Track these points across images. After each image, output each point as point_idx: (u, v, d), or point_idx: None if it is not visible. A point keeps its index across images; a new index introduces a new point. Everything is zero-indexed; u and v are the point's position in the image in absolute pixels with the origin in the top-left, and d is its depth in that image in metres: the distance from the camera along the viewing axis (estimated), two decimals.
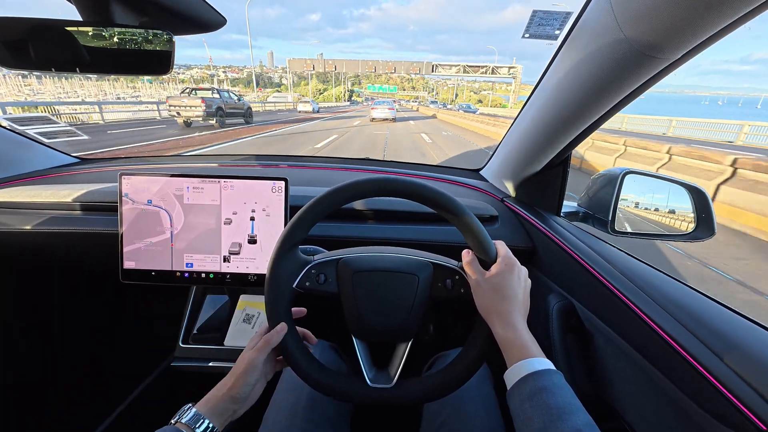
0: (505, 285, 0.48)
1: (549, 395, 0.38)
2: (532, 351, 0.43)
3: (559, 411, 0.37)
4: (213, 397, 0.49)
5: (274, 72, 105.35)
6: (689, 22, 0.36)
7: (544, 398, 0.38)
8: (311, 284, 0.54)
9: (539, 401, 0.38)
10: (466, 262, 0.52)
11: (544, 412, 0.37)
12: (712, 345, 0.43)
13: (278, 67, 75.73)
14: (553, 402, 0.38)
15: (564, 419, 0.36)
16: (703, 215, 0.77)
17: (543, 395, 0.39)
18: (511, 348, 0.45)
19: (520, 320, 0.47)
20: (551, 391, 0.39)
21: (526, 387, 0.40)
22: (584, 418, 0.37)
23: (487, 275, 0.49)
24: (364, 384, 0.53)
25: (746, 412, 0.37)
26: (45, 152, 1.19)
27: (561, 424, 0.36)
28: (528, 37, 35.37)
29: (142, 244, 0.80)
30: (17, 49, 0.55)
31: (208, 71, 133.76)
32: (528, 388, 0.40)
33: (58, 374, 1.09)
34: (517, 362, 0.43)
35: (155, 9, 0.51)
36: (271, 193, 0.79)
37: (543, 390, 0.39)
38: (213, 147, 8.66)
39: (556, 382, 0.40)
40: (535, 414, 0.38)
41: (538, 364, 0.42)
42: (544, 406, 0.38)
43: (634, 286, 0.56)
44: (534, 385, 0.40)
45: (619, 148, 7.54)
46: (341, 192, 0.51)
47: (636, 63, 0.44)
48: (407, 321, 0.54)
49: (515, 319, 0.47)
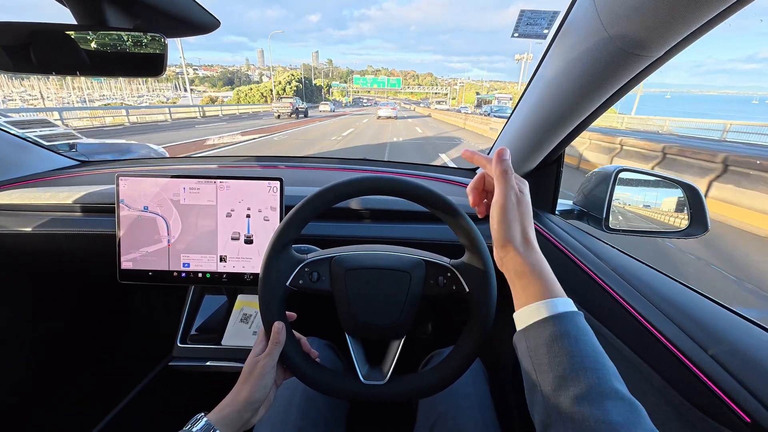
0: (527, 201, 0.44)
1: (573, 342, 0.34)
2: (555, 289, 0.39)
3: (584, 360, 0.33)
4: (226, 406, 0.47)
5: (253, 70, 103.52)
6: (670, 20, 0.36)
7: (566, 345, 0.34)
8: (304, 282, 0.54)
9: (560, 347, 0.34)
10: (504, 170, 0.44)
11: (565, 360, 0.33)
12: (700, 340, 0.44)
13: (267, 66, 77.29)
14: (576, 349, 0.34)
15: (588, 369, 0.32)
16: (696, 212, 0.78)
17: (565, 342, 0.34)
18: (532, 282, 0.40)
19: (537, 245, 0.43)
20: (575, 338, 0.34)
21: (545, 331, 0.36)
22: (610, 366, 0.34)
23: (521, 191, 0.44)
24: (357, 381, 0.54)
25: (732, 406, 0.38)
26: (45, 155, 1.20)
27: (584, 374, 0.32)
28: (518, 37, 35.43)
29: (138, 254, 0.81)
30: (18, 54, 0.56)
31: (177, 70, 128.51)
32: (548, 333, 0.35)
33: (56, 374, 1.10)
34: (538, 301, 0.38)
35: (148, 12, 0.52)
36: (266, 193, 0.79)
37: (566, 336, 0.34)
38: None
39: (581, 326, 0.36)
40: (552, 360, 0.34)
41: (561, 306, 0.37)
42: (566, 353, 0.33)
43: (625, 283, 0.56)
44: (556, 330, 0.35)
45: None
46: (334, 190, 0.51)
47: (621, 61, 0.45)
48: (400, 318, 0.54)
49: (536, 243, 0.42)
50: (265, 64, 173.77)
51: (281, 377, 0.54)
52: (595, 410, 0.30)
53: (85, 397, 1.11)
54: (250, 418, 0.48)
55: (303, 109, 26.95)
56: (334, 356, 0.78)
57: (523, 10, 33.31)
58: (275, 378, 0.51)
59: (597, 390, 0.31)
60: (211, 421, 0.45)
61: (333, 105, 41.43)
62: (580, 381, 0.32)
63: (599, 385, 0.31)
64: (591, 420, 0.30)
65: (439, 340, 1.22)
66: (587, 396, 0.31)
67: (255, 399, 0.48)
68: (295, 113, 24.94)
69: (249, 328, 0.92)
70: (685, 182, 0.80)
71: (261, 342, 0.53)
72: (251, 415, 0.48)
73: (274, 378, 0.51)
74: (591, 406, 0.30)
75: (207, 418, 0.45)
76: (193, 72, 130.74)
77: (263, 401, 0.49)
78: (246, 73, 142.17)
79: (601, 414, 0.30)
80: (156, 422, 1.16)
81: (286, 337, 0.52)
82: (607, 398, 0.30)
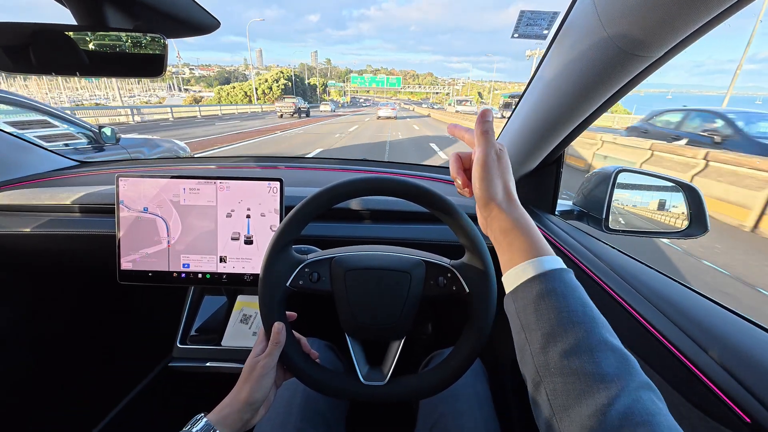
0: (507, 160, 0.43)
1: (560, 298, 0.33)
2: (541, 246, 0.38)
3: (571, 314, 0.32)
4: (226, 406, 0.47)
5: (251, 70, 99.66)
6: (669, 21, 0.36)
7: (554, 301, 0.33)
8: (305, 283, 0.54)
9: (547, 304, 0.33)
10: (485, 130, 0.43)
11: (553, 316, 0.33)
12: (700, 340, 0.44)
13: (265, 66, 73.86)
14: (564, 304, 0.33)
15: (576, 323, 0.32)
16: (696, 212, 0.78)
17: (552, 297, 0.33)
18: (518, 241, 0.39)
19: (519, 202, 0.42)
20: (563, 294, 0.34)
21: (533, 289, 0.35)
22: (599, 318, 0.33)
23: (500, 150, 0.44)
24: (357, 381, 0.54)
25: (732, 406, 0.38)
26: (44, 155, 1.20)
27: (572, 328, 0.31)
28: (517, 37, 35.41)
29: (138, 256, 0.81)
30: (18, 54, 0.56)
31: (173, 69, 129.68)
32: (536, 291, 0.35)
33: (56, 374, 1.10)
34: (524, 262, 0.37)
35: (148, 12, 0.52)
36: (266, 194, 0.79)
37: (552, 292, 0.34)
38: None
39: (568, 282, 0.35)
40: (540, 318, 0.33)
41: (547, 263, 0.36)
42: (553, 309, 0.33)
43: (625, 283, 0.56)
44: (543, 287, 0.34)
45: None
46: (334, 190, 0.51)
47: (621, 62, 0.45)
48: (400, 319, 0.54)
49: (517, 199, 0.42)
50: (264, 63, 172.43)
51: (281, 378, 0.54)
52: (585, 363, 0.29)
53: (85, 398, 1.11)
54: (250, 418, 0.48)
55: (305, 109, 27.99)
56: (334, 357, 0.78)
57: (523, 10, 33.38)
58: (275, 378, 0.51)
59: (586, 343, 0.30)
60: (211, 421, 0.45)
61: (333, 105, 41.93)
62: (568, 335, 0.31)
63: (588, 338, 0.31)
64: (580, 373, 0.29)
65: (439, 340, 1.22)
66: (576, 350, 0.30)
67: (255, 399, 0.48)
68: (297, 113, 25.83)
69: (249, 328, 0.92)
70: (685, 183, 0.80)
71: (261, 342, 0.52)
72: (251, 416, 0.48)
73: (274, 378, 0.51)
74: (580, 359, 0.30)
75: (207, 419, 0.45)
76: (189, 72, 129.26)
77: (263, 401, 0.49)
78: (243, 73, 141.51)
79: (591, 366, 0.29)
80: (156, 423, 1.16)
81: (286, 337, 0.52)
82: (596, 350, 0.30)
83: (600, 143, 7.69)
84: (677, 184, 0.81)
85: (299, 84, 75.40)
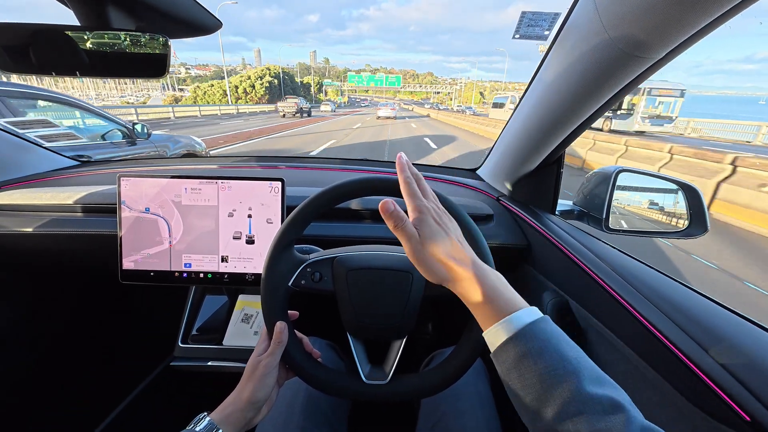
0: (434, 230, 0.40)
1: (536, 359, 0.33)
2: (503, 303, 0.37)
3: (551, 375, 0.32)
4: (228, 405, 0.47)
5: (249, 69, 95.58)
6: (670, 22, 0.36)
7: (531, 364, 0.33)
8: (307, 283, 0.54)
9: (526, 368, 0.33)
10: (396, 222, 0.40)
11: (535, 381, 0.32)
12: (700, 339, 0.44)
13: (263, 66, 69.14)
14: (542, 365, 0.32)
15: (558, 384, 0.31)
16: (695, 212, 0.78)
17: (529, 361, 0.33)
18: (481, 303, 0.38)
19: (477, 261, 0.41)
20: (538, 354, 0.33)
21: (509, 355, 0.34)
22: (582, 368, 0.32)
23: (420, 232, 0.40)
24: (359, 380, 0.54)
25: (732, 405, 0.38)
26: (45, 155, 1.20)
27: (555, 390, 0.31)
28: (518, 38, 35.39)
29: (140, 256, 0.81)
30: (18, 54, 0.56)
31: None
32: (512, 356, 0.34)
33: (58, 374, 1.10)
34: (494, 324, 0.36)
35: (151, 13, 0.52)
36: (268, 194, 0.79)
37: (528, 355, 0.33)
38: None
39: (539, 336, 0.34)
40: (524, 385, 0.33)
41: (515, 322, 0.35)
42: (533, 373, 0.32)
43: (625, 283, 0.57)
44: (517, 352, 0.34)
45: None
46: (335, 191, 0.51)
47: (621, 63, 0.45)
48: (402, 318, 0.54)
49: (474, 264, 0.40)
50: (262, 63, 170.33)
51: (283, 377, 0.54)
52: (578, 426, 0.30)
53: (87, 397, 1.11)
54: (252, 417, 0.48)
55: (307, 109, 28.89)
56: (335, 356, 0.78)
57: (524, 11, 33.41)
58: (277, 378, 0.51)
59: (573, 404, 0.30)
60: (214, 420, 0.45)
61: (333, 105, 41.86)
62: (554, 400, 0.31)
63: (573, 397, 0.31)
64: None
65: (440, 340, 1.23)
66: (565, 413, 0.30)
67: (257, 398, 0.48)
68: (299, 112, 26.85)
69: (250, 328, 0.92)
70: (685, 183, 0.81)
71: (263, 341, 0.53)
72: (254, 415, 0.48)
73: (277, 378, 0.51)
74: (573, 423, 0.30)
75: (210, 418, 0.45)
76: (185, 71, 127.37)
77: (266, 401, 0.49)
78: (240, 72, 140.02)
79: (587, 426, 0.29)
80: (158, 422, 1.17)
81: (288, 336, 0.52)
82: (585, 410, 0.30)
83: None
84: (677, 183, 0.81)
85: (288, 82, 64.97)
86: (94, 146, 3.07)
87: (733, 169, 5.24)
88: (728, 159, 5.36)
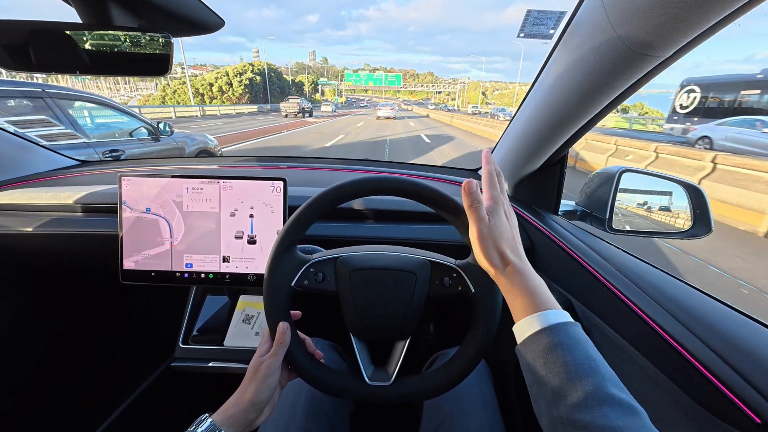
0: (502, 224, 0.45)
1: (566, 351, 0.35)
2: (544, 300, 0.40)
3: (578, 368, 0.34)
4: (231, 406, 0.47)
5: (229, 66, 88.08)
6: (679, 20, 0.36)
7: (561, 354, 0.35)
8: (309, 283, 0.54)
9: (555, 358, 0.35)
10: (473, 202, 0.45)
11: (561, 370, 0.34)
12: (708, 341, 0.43)
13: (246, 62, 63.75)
14: (570, 358, 0.34)
15: (583, 377, 0.33)
16: (699, 213, 0.78)
17: (559, 351, 0.35)
18: (520, 298, 0.41)
19: (525, 261, 0.44)
20: (568, 347, 0.35)
21: (540, 343, 0.37)
22: (606, 372, 0.34)
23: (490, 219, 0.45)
24: (362, 382, 0.53)
25: (743, 407, 0.37)
26: (45, 155, 1.19)
27: (579, 382, 0.33)
28: (523, 37, 35.44)
29: (141, 257, 0.80)
30: (17, 52, 0.55)
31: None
32: (543, 344, 0.36)
33: (58, 374, 1.09)
34: (529, 315, 0.39)
35: (153, 12, 0.52)
36: (270, 194, 0.79)
37: (559, 346, 0.35)
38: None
39: (573, 336, 0.37)
40: (549, 372, 0.35)
41: (552, 317, 0.38)
42: (561, 362, 0.34)
43: (630, 283, 0.56)
44: (549, 342, 0.36)
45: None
46: (339, 190, 0.51)
47: (629, 61, 0.45)
48: (405, 319, 0.54)
49: (520, 261, 0.43)
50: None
51: (286, 378, 0.54)
52: (595, 417, 0.31)
53: (88, 398, 1.11)
54: (255, 418, 0.48)
55: (308, 110, 29.82)
56: (338, 357, 0.78)
57: (529, 10, 33.46)
58: (280, 379, 0.51)
59: (594, 397, 0.32)
60: (215, 421, 0.44)
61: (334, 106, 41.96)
62: (577, 389, 0.33)
63: (596, 391, 0.32)
64: (591, 427, 0.31)
65: (443, 340, 1.22)
66: (585, 404, 0.32)
67: (260, 399, 0.47)
68: (301, 113, 27.93)
69: (251, 328, 0.91)
70: (689, 183, 0.80)
71: (266, 342, 0.52)
72: (256, 416, 0.48)
73: (279, 379, 0.51)
74: (591, 413, 0.31)
75: (212, 419, 0.45)
76: (181, 71, 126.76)
77: (268, 402, 0.49)
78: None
79: (601, 420, 0.30)
80: (159, 423, 1.16)
81: (291, 337, 0.51)
82: (604, 404, 0.31)
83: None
84: (681, 184, 0.81)
85: (275, 80, 54.58)
86: (123, 142, 3.43)
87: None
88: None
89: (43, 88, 2.90)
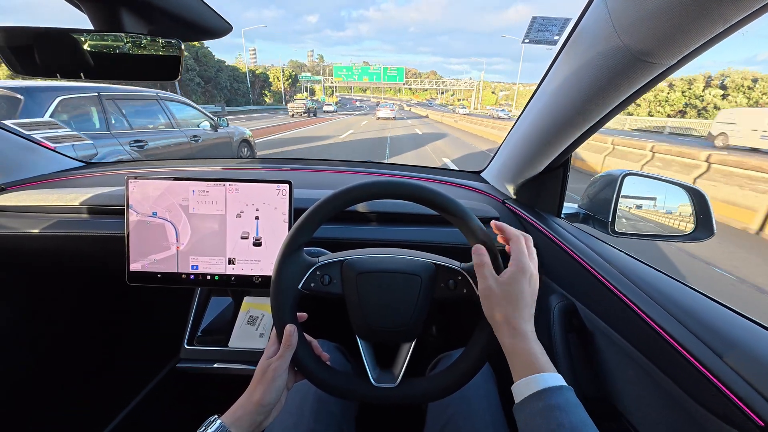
0: (518, 291, 0.46)
1: (562, 413, 0.37)
2: (543, 364, 0.42)
3: (573, 429, 0.36)
4: (239, 408, 0.47)
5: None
6: (685, 29, 0.37)
7: (557, 416, 0.37)
8: (316, 285, 0.54)
9: (552, 418, 0.37)
10: (478, 264, 0.49)
11: (556, 430, 0.36)
12: (712, 344, 0.44)
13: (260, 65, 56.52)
14: (566, 420, 0.36)
15: None
16: (702, 216, 0.78)
17: (556, 413, 0.37)
18: (520, 359, 0.43)
19: (529, 328, 0.45)
20: (565, 410, 0.37)
21: (538, 403, 0.39)
22: None
23: (500, 280, 0.47)
24: (368, 384, 0.54)
25: (746, 410, 0.38)
26: (51, 156, 1.20)
27: None
28: (528, 43, 35.62)
29: (147, 261, 0.81)
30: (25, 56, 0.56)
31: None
32: (540, 405, 0.38)
33: (64, 376, 1.10)
34: (528, 376, 0.41)
35: (164, 18, 0.52)
36: (275, 196, 0.80)
37: (556, 407, 0.38)
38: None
39: (570, 400, 0.39)
40: (550, 429, 0.36)
41: (550, 380, 0.40)
42: (557, 424, 0.36)
43: (634, 286, 0.57)
44: (547, 403, 0.38)
45: None
46: (346, 194, 0.52)
47: (633, 69, 0.45)
48: (411, 321, 0.54)
49: (525, 327, 0.45)
50: (258, 62, 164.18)
51: (293, 380, 0.54)
52: None
53: (93, 400, 1.11)
54: (263, 420, 0.48)
55: (313, 110, 31.25)
56: (343, 359, 0.78)
57: (534, 16, 33.77)
58: (287, 381, 0.51)
59: None
60: (224, 423, 0.45)
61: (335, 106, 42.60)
62: None
63: None
64: None
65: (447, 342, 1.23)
66: None
67: (267, 402, 0.48)
68: (307, 112, 29.31)
69: (256, 330, 0.92)
70: (692, 186, 0.81)
71: (273, 345, 0.53)
72: (264, 418, 0.48)
73: (286, 381, 0.51)
74: None
75: (221, 420, 0.45)
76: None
77: (276, 404, 0.50)
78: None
79: None
80: (165, 424, 1.16)
81: (297, 340, 0.52)
82: None
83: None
84: (683, 187, 0.81)
85: (237, 77, 41.35)
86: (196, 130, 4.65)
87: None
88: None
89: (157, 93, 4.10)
